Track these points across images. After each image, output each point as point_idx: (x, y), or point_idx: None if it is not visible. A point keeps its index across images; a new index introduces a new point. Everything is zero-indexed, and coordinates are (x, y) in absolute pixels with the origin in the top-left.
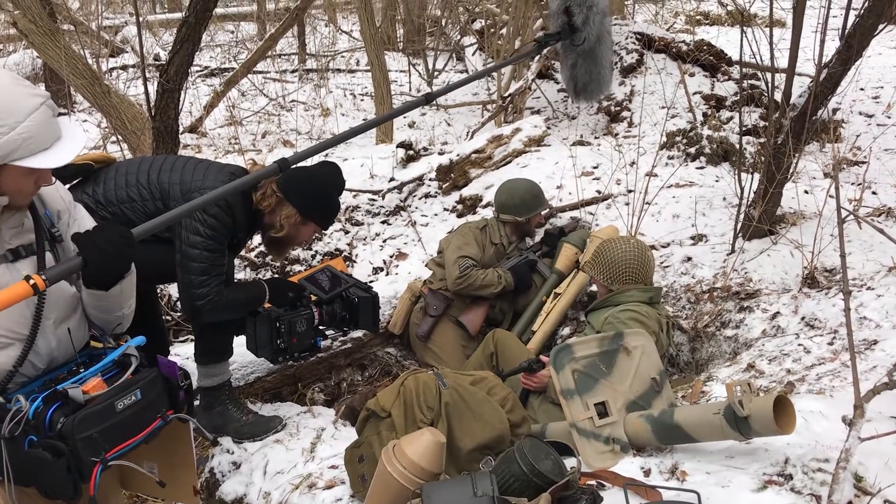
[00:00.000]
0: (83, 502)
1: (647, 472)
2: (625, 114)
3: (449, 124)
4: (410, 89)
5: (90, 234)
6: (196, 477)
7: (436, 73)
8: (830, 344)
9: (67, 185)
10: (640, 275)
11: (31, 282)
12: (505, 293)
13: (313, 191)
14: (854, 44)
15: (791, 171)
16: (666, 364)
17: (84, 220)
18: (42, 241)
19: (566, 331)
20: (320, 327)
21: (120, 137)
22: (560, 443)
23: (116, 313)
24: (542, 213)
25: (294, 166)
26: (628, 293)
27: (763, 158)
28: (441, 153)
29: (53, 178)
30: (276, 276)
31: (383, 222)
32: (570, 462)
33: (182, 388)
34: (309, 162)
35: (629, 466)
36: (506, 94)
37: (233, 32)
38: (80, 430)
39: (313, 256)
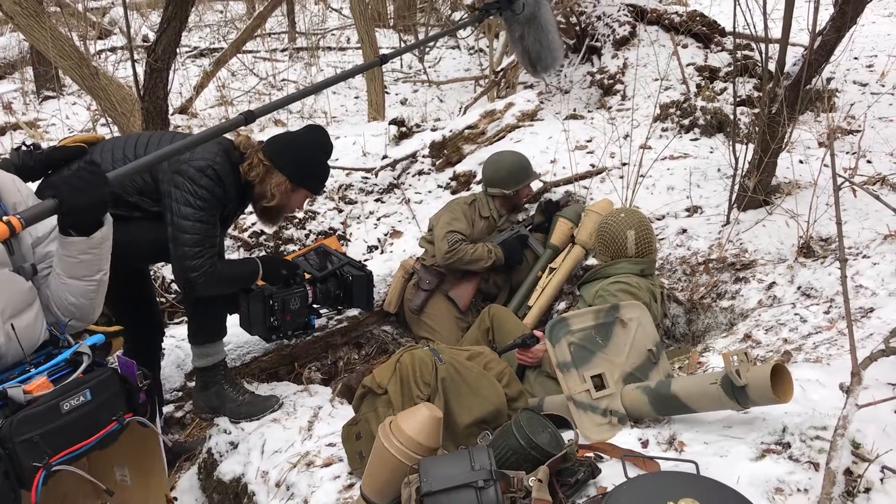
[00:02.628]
0: None
1: (644, 444)
2: (618, 87)
3: (441, 100)
4: (402, 66)
5: (60, 176)
6: (167, 486)
7: (427, 50)
8: (827, 313)
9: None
10: (638, 246)
11: (5, 219)
12: (497, 268)
13: (302, 156)
14: (848, 10)
15: (786, 140)
16: (662, 336)
17: None
18: None
19: (562, 305)
20: (314, 306)
21: (110, 119)
22: (557, 416)
23: (95, 277)
24: (531, 184)
25: (280, 133)
26: (619, 265)
27: (757, 128)
28: (434, 129)
29: (12, 176)
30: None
31: (377, 200)
32: (567, 435)
33: (142, 389)
34: (294, 127)
35: (627, 438)
36: (498, 69)
37: (221, 12)
38: (20, 433)
39: (307, 236)
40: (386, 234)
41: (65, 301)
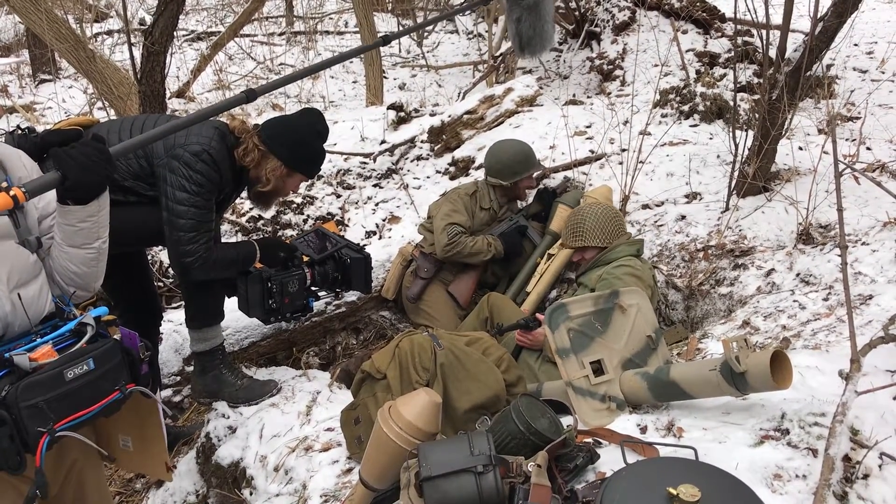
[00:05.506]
0: (29, 475)
1: (643, 430)
2: (617, 72)
3: (440, 85)
4: (400, 50)
5: (67, 149)
6: (167, 453)
7: (425, 34)
8: (826, 300)
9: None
10: (623, 224)
11: (12, 193)
12: (496, 259)
13: (296, 141)
14: None
15: (786, 127)
16: (661, 322)
17: None
18: None
19: (554, 293)
20: (313, 288)
21: (106, 103)
22: (556, 401)
23: (93, 245)
24: (534, 175)
25: (275, 117)
26: (618, 249)
27: (757, 115)
28: (432, 114)
29: (18, 151)
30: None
31: (375, 185)
32: (566, 420)
33: (144, 360)
34: (291, 111)
35: (626, 424)
36: (497, 54)
37: None
38: (25, 398)
39: (305, 221)
40: (384, 220)
41: (67, 270)
